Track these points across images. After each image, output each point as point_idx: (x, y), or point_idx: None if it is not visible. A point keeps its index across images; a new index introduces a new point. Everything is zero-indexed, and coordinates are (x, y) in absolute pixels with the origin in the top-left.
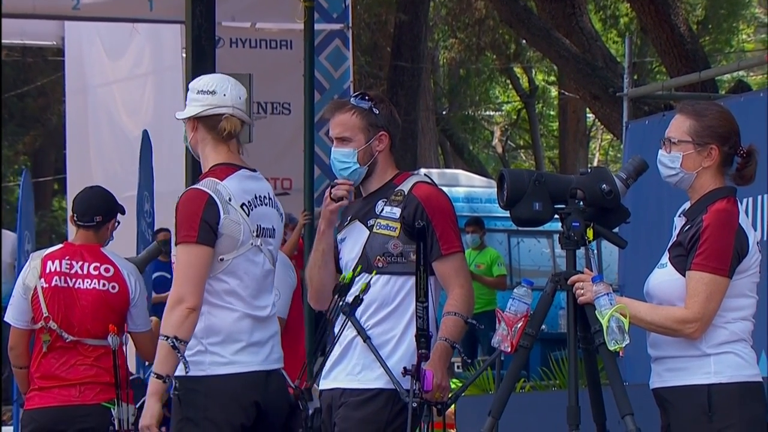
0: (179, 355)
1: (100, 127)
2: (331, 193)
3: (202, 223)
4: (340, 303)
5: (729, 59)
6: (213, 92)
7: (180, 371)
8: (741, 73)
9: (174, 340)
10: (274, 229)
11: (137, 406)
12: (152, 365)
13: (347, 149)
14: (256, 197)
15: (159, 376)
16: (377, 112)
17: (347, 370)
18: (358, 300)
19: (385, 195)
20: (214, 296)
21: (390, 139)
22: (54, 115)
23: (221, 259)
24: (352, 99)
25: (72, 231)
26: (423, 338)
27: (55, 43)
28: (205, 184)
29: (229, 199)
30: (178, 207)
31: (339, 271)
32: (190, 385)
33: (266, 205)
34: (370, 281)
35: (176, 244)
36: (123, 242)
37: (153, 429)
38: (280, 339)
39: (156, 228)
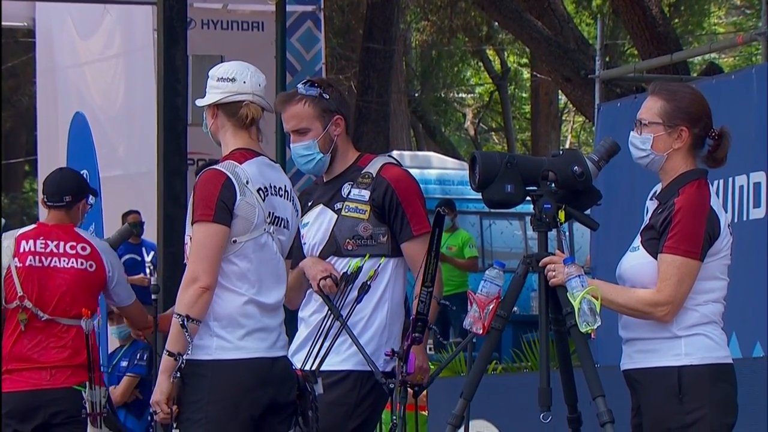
0: (187, 334)
1: (71, 109)
2: (319, 284)
3: (219, 202)
4: (348, 291)
5: (700, 41)
6: (233, 79)
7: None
8: (713, 55)
9: (185, 319)
10: (288, 221)
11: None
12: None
13: (307, 141)
14: (272, 186)
15: (171, 354)
16: (327, 96)
17: (312, 353)
18: (366, 286)
19: (350, 178)
20: (223, 278)
21: (345, 122)
22: (25, 96)
23: (234, 241)
24: (299, 88)
25: (43, 213)
26: (420, 322)
27: (25, 24)
28: (224, 166)
29: (247, 182)
30: (196, 187)
31: (303, 256)
32: (195, 369)
33: (282, 197)
34: (378, 267)
35: (192, 223)
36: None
37: (162, 405)
38: (284, 328)
39: (126, 210)
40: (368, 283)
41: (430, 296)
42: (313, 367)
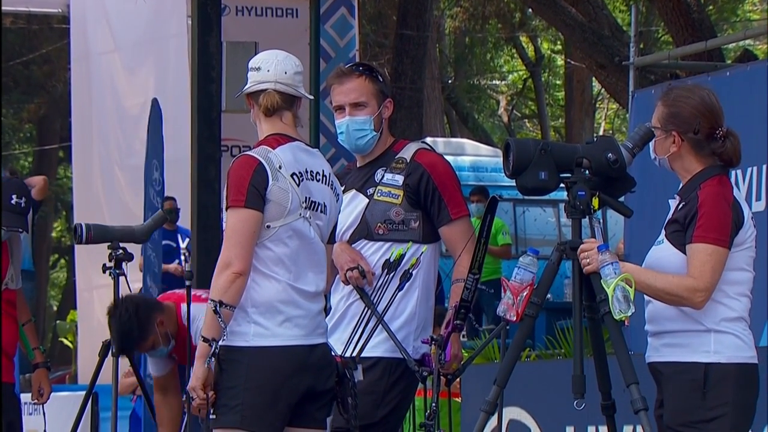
0: (220, 320)
1: (103, 95)
2: (346, 275)
3: (251, 188)
4: (389, 279)
5: (735, 28)
6: (258, 69)
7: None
8: (747, 42)
9: (218, 305)
10: (325, 206)
11: None
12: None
13: (363, 116)
14: (308, 171)
15: (205, 340)
16: (382, 80)
17: (342, 339)
18: (408, 274)
19: (384, 163)
20: (260, 264)
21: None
22: (59, 83)
23: (268, 227)
24: (353, 68)
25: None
26: (464, 309)
27: (60, 10)
28: (257, 151)
29: (279, 167)
30: (229, 173)
31: (333, 241)
32: (233, 355)
33: (319, 181)
34: (420, 256)
35: (225, 209)
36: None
37: (198, 391)
38: (324, 315)
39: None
40: (411, 271)
41: (477, 283)
42: (353, 354)
